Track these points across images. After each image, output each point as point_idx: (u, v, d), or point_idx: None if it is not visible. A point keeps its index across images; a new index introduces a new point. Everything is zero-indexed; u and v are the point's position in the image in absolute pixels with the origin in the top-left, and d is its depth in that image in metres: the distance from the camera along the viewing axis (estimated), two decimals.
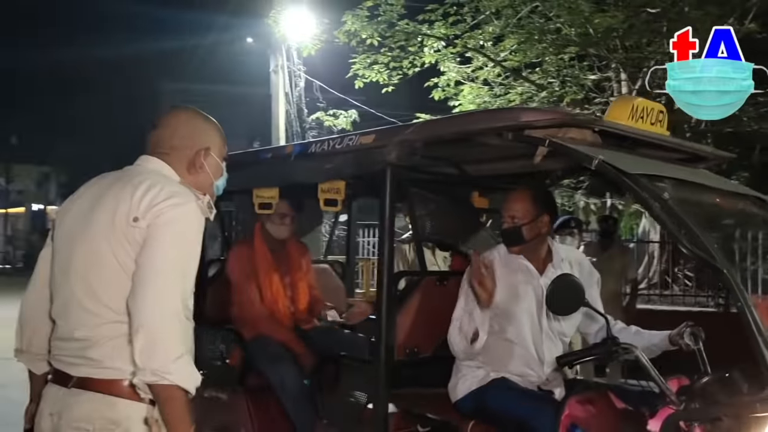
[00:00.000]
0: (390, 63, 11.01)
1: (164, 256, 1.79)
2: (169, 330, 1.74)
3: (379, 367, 2.73)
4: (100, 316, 1.82)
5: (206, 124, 2.08)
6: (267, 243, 3.67)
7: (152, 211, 1.80)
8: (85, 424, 1.80)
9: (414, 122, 2.79)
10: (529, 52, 11.25)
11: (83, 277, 1.85)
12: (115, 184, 1.92)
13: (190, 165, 2.01)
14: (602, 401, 2.39)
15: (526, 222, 2.76)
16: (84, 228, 1.88)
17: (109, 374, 1.81)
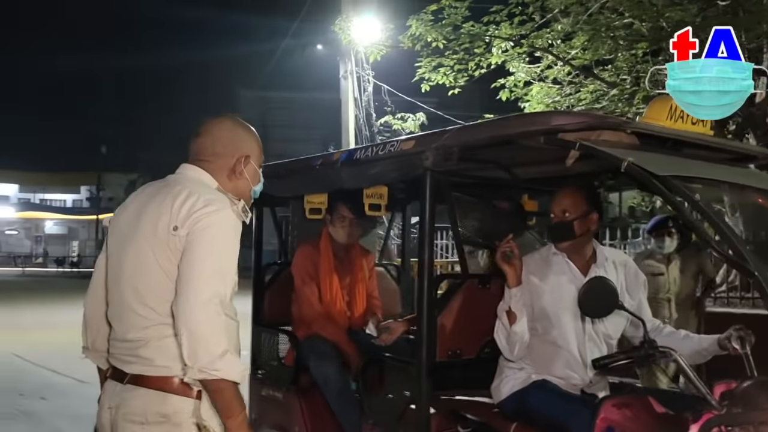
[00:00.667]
0: (455, 65, 10.99)
1: (202, 260, 1.91)
2: (211, 330, 1.86)
3: (420, 368, 2.79)
4: (148, 319, 1.96)
5: (246, 133, 2.19)
6: (332, 246, 3.79)
7: (190, 219, 1.93)
8: (138, 417, 1.95)
9: (450, 128, 2.83)
10: (601, 49, 10.99)
11: (132, 283, 1.99)
12: (157, 194, 2.05)
13: (231, 172, 2.13)
14: (640, 405, 2.36)
15: (577, 217, 2.76)
16: (131, 236, 2.02)
17: (159, 372, 1.95)
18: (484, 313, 3.01)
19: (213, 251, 1.93)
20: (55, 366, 8.43)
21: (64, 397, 6.89)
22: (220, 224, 1.96)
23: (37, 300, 18.62)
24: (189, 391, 1.96)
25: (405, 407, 2.90)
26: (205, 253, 1.92)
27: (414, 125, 13.35)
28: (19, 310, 15.95)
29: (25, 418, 6.43)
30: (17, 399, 7.13)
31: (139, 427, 1.94)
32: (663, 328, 2.87)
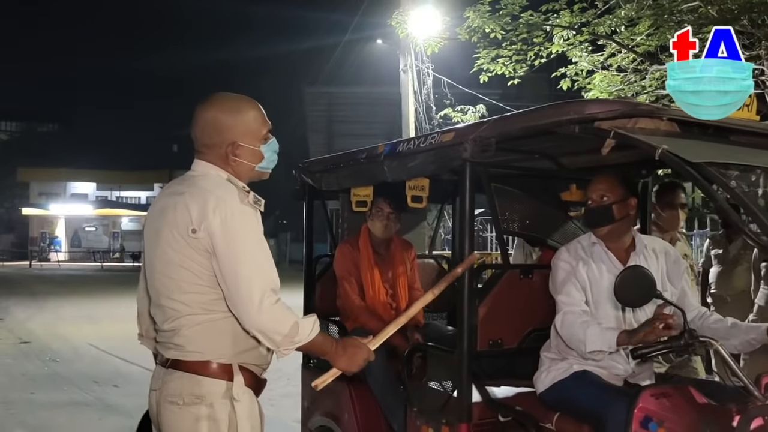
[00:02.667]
0: (513, 56, 10.86)
1: (239, 263, 2.01)
2: (275, 321, 2.02)
3: (461, 357, 2.83)
4: (178, 311, 2.09)
5: (231, 116, 2.14)
6: (372, 242, 3.86)
7: (205, 222, 2.02)
8: (176, 398, 2.08)
9: (489, 119, 2.84)
10: (668, 34, 10.65)
11: (162, 281, 2.12)
12: (174, 195, 2.14)
13: (225, 160, 2.16)
14: (680, 395, 2.33)
15: (616, 201, 2.74)
16: (156, 236, 2.14)
17: (192, 356, 2.09)
18: (525, 304, 3.02)
19: (244, 251, 2.03)
20: (126, 355, 8.83)
21: (134, 384, 7.21)
22: (237, 222, 2.04)
23: (112, 293, 19.45)
24: (222, 373, 2.09)
25: (447, 396, 2.94)
26: (237, 256, 2.01)
27: (474, 117, 13.29)
28: (96, 303, 16.72)
29: (99, 404, 6.79)
30: (92, 386, 7.54)
31: (177, 407, 2.07)
32: (709, 316, 2.81)
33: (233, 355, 2.11)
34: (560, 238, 3.48)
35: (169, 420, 2.09)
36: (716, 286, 5.59)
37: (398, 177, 3.20)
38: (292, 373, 4.34)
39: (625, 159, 3.16)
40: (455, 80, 14.36)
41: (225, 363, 2.09)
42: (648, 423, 2.29)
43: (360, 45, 19.32)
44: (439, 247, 11.69)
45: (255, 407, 2.16)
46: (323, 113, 29.66)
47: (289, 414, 4.87)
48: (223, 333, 2.09)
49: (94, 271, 31.97)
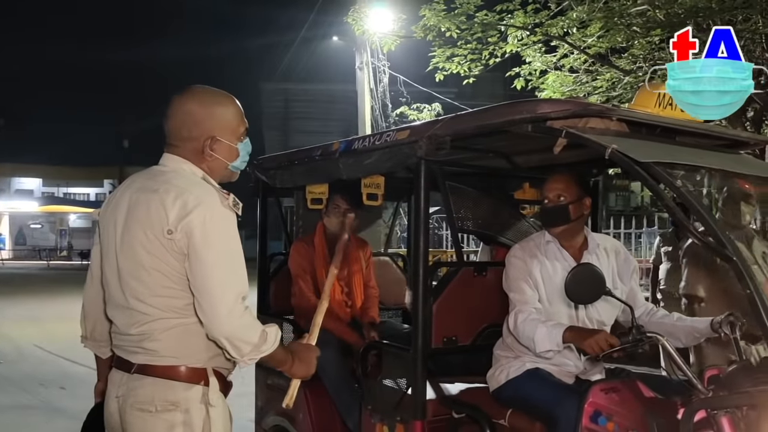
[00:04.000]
0: (468, 55, 10.96)
1: (213, 268, 1.92)
2: (244, 328, 1.94)
3: (416, 354, 2.83)
4: (149, 315, 1.98)
5: (211, 109, 2.07)
6: (327, 240, 3.84)
7: (182, 223, 1.92)
8: (147, 405, 1.97)
9: (443, 117, 2.85)
10: (617, 36, 10.90)
11: (130, 283, 2.00)
12: (144, 192, 2.01)
13: (200, 154, 2.06)
14: (628, 390, 2.39)
15: (572, 201, 2.78)
16: (123, 236, 2.02)
17: (166, 361, 1.98)
18: (479, 301, 3.05)
19: (221, 255, 1.94)
20: (74, 356, 8.59)
21: (82, 386, 7.00)
22: (215, 226, 1.94)
23: (60, 292, 18.92)
24: (197, 377, 2.00)
25: (402, 393, 2.95)
26: (213, 260, 1.92)
27: (430, 115, 13.35)
28: (42, 303, 16.25)
29: (46, 406, 6.59)
30: (38, 388, 7.31)
31: (149, 415, 1.96)
32: (656, 312, 2.89)
33: (207, 360, 2.02)
34: (513, 236, 3.52)
35: (139, 428, 1.98)
36: (665, 283, 5.75)
37: (354, 174, 3.19)
38: (245, 372, 4.27)
39: (576, 158, 3.21)
40: (411, 78, 14.42)
41: (200, 367, 2.01)
42: (598, 417, 2.34)
43: (316, 42, 19.23)
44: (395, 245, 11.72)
45: (227, 411, 2.08)
46: (279, 110, 29.46)
47: (243, 413, 4.80)
48: (197, 337, 2.00)
49: (40, 270, 31.07)
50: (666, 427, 2.19)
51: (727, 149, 2.73)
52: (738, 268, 1.88)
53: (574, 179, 2.83)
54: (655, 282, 5.92)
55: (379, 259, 4.45)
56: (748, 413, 2.08)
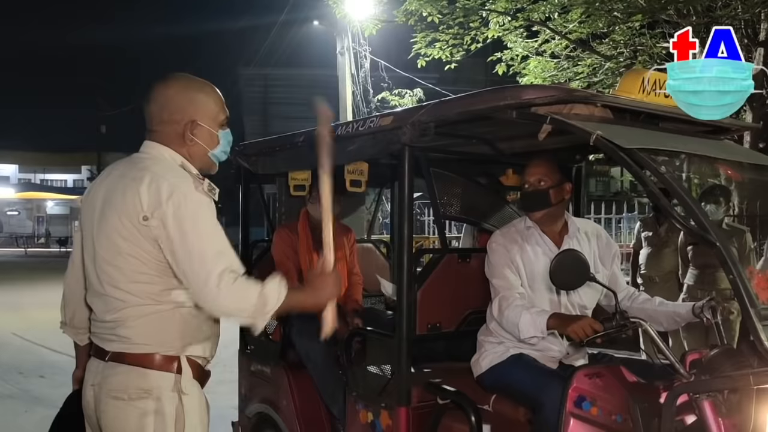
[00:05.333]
0: (450, 40, 10.92)
1: (189, 251, 1.91)
2: (234, 299, 1.91)
3: (400, 341, 2.83)
4: (124, 301, 1.98)
5: (193, 94, 2.08)
6: (310, 226, 3.81)
7: (159, 210, 1.92)
8: (121, 393, 1.97)
9: (427, 103, 2.83)
10: (598, 22, 10.92)
11: (105, 268, 2.00)
12: (122, 178, 2.02)
13: (181, 139, 2.06)
14: (611, 374, 2.40)
15: (552, 185, 2.78)
16: (100, 222, 2.02)
17: (139, 349, 1.99)
18: (463, 287, 3.05)
19: (197, 238, 1.92)
20: (53, 344, 8.51)
21: (62, 374, 6.96)
22: (192, 211, 1.94)
23: (38, 280, 18.71)
24: (169, 365, 2.00)
25: (386, 380, 2.95)
26: (192, 242, 1.91)
27: (411, 101, 13.32)
28: (20, 291, 16.06)
29: (25, 395, 6.52)
30: (17, 377, 7.24)
31: (122, 403, 1.97)
32: (638, 296, 2.91)
33: (181, 347, 2.03)
34: (497, 222, 3.52)
35: (112, 415, 1.98)
36: (645, 267, 5.80)
37: (337, 161, 3.13)
38: (228, 360, 4.27)
39: (560, 144, 3.21)
40: (392, 64, 14.35)
41: (173, 355, 2.01)
42: (582, 402, 2.36)
43: (296, 26, 19.02)
44: (378, 231, 11.72)
45: (203, 400, 2.08)
46: (259, 95, 29.20)
47: (225, 401, 4.79)
48: (171, 324, 2.00)
49: (17, 258, 30.67)
50: (649, 411, 2.21)
51: (710, 135, 2.75)
52: (721, 253, 1.89)
53: (555, 164, 2.84)
54: (635, 267, 5.98)
55: (363, 246, 4.44)
56: (729, 397, 2.11)
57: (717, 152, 2.52)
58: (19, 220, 42.63)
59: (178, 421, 1.98)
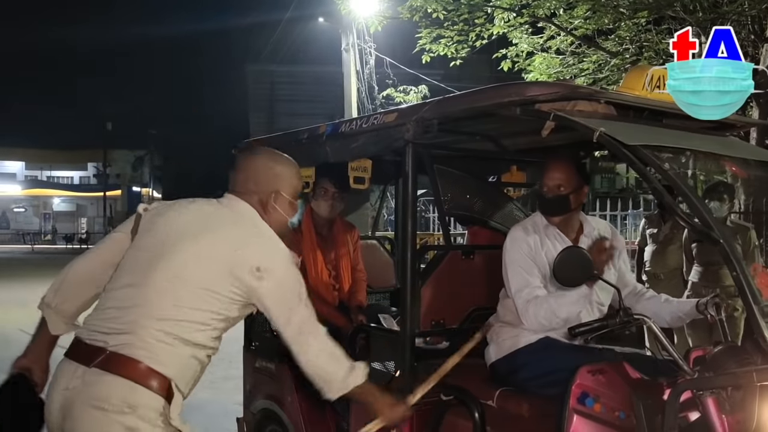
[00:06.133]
0: (455, 37, 10.91)
1: (291, 318, 2.18)
2: (327, 363, 2.26)
3: (404, 337, 2.84)
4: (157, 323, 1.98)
5: (277, 169, 2.28)
6: (314, 224, 3.82)
7: (269, 270, 2.10)
8: (101, 402, 1.89)
9: (430, 100, 2.83)
10: (605, 18, 10.89)
11: (173, 285, 2.02)
12: (217, 216, 2.16)
13: (264, 206, 2.23)
14: (615, 371, 2.40)
15: (572, 191, 2.79)
16: (183, 242, 2.07)
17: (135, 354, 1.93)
18: (467, 284, 3.06)
19: (294, 304, 2.19)
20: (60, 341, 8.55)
21: None
22: (291, 282, 2.20)
23: (44, 276, 18.76)
24: (160, 389, 1.94)
25: (390, 376, 2.95)
26: (291, 309, 2.18)
27: (416, 98, 13.31)
28: (27, 287, 16.11)
29: None
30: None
31: (101, 413, 1.89)
32: (644, 293, 2.92)
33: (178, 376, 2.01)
34: (501, 219, 3.53)
35: (87, 426, 1.91)
36: (650, 264, 5.79)
37: (341, 158, 3.17)
38: (233, 356, 4.28)
39: (563, 140, 3.21)
40: (397, 60, 14.35)
41: (166, 378, 1.97)
42: (585, 399, 2.35)
43: (302, 23, 19.04)
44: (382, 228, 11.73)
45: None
46: (265, 92, 29.22)
47: (230, 397, 4.82)
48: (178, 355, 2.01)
49: (24, 254, 30.82)
50: (652, 407, 2.21)
51: (715, 132, 2.74)
52: (724, 250, 1.89)
53: (574, 168, 2.83)
54: (640, 264, 5.97)
55: (367, 243, 4.45)
56: (733, 394, 2.11)
57: (722, 149, 2.51)
58: (26, 217, 42.84)
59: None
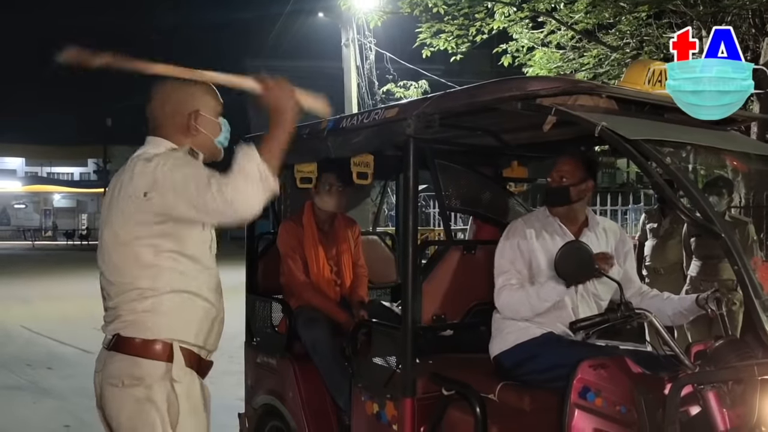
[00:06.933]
0: (455, 31, 10.90)
1: (187, 186, 1.98)
2: (236, 192, 1.96)
3: (405, 333, 2.84)
4: (120, 288, 2.08)
5: (191, 88, 2.19)
6: (316, 219, 3.83)
7: (156, 181, 2.01)
8: (115, 380, 2.07)
9: (431, 95, 2.84)
10: (605, 12, 10.87)
11: (108, 257, 2.10)
12: (123, 172, 2.12)
13: (185, 130, 2.17)
14: (616, 366, 2.40)
15: (574, 183, 2.86)
16: (106, 214, 2.12)
17: (135, 333, 2.06)
18: (468, 279, 3.06)
19: (190, 178, 2.00)
20: (62, 337, 8.58)
21: (69, 366, 7.03)
22: (182, 165, 2.05)
23: (46, 273, 18.85)
24: (161, 354, 2.06)
25: (392, 371, 2.96)
26: (184, 182, 1.99)
27: (416, 93, 13.29)
28: (28, 283, 16.16)
29: (33, 387, 6.58)
30: (25, 369, 7.29)
31: (117, 390, 2.06)
32: (649, 292, 2.97)
33: (173, 336, 2.09)
34: (502, 214, 3.53)
35: (110, 401, 2.09)
36: (650, 259, 5.79)
37: (342, 153, 3.17)
38: (234, 351, 4.29)
39: (565, 135, 3.21)
40: (397, 55, 14.32)
41: (165, 343, 2.07)
42: (586, 393, 2.36)
43: (302, 18, 19.00)
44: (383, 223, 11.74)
45: (196, 388, 2.13)
46: None
47: (231, 392, 4.83)
48: (163, 313, 2.07)
49: (24, 250, 30.85)
50: (653, 402, 2.21)
51: (716, 126, 2.74)
52: (726, 244, 1.89)
53: (580, 163, 2.90)
54: (640, 259, 5.97)
55: (368, 238, 4.45)
56: (733, 387, 2.11)
57: (722, 143, 2.51)
58: (26, 213, 42.87)
59: (171, 408, 2.04)
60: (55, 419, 5.29)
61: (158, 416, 2.02)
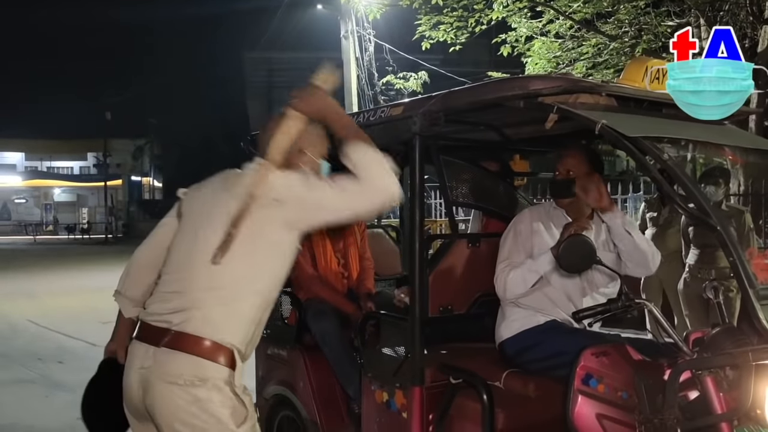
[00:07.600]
0: (454, 22, 10.93)
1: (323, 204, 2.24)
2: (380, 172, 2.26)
3: (413, 323, 2.94)
4: (212, 283, 2.11)
5: (304, 126, 2.32)
6: None
7: (283, 190, 2.17)
8: (176, 378, 2.05)
9: (437, 93, 2.92)
10: (604, 1, 10.91)
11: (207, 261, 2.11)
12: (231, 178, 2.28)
13: (288, 165, 2.29)
14: (617, 353, 2.50)
15: (579, 176, 2.92)
16: (208, 217, 2.19)
17: (198, 332, 2.08)
18: (473, 270, 3.15)
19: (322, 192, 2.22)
20: (69, 330, 8.67)
21: (80, 360, 7.11)
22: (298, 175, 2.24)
23: (48, 267, 18.94)
24: (225, 360, 2.09)
25: (400, 361, 3.05)
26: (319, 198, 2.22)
27: (416, 84, 13.34)
28: (31, 278, 16.24)
29: (45, 381, 6.68)
30: (36, 363, 7.40)
31: (176, 387, 2.05)
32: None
33: (238, 343, 2.14)
34: (505, 208, 3.61)
35: (166, 399, 2.06)
36: None
37: None
38: None
39: (566, 130, 3.29)
40: (397, 46, 14.35)
41: (229, 349, 2.11)
42: (589, 380, 2.45)
43: (301, 10, 18.98)
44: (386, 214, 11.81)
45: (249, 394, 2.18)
46: (263, 79, 29.18)
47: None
48: (240, 320, 2.14)
49: (26, 245, 30.92)
50: (653, 387, 2.30)
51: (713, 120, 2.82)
52: (721, 237, 1.98)
53: (586, 157, 2.97)
54: None
55: (373, 231, 4.54)
56: (730, 373, 2.21)
57: (719, 137, 2.59)
58: (27, 208, 42.88)
59: (235, 413, 2.07)
60: (67, 413, 5.38)
61: (222, 416, 2.05)
